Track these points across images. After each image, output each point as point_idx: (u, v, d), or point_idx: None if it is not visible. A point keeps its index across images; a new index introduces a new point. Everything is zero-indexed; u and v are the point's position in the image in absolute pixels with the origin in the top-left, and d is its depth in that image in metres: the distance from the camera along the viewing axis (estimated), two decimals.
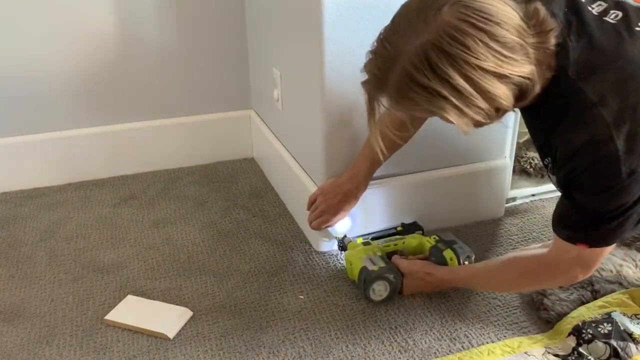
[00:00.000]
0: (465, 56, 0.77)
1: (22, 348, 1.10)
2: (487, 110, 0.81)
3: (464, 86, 0.78)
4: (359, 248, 1.26)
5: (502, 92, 0.80)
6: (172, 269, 1.32)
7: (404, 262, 1.21)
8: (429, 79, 0.78)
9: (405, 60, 0.79)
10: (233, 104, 1.81)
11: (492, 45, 0.77)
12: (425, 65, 0.78)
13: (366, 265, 1.19)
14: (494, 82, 0.79)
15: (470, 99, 0.79)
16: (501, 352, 1.07)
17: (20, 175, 1.67)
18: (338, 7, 1.17)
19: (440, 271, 1.19)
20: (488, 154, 1.45)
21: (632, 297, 1.15)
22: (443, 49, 0.77)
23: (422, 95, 0.80)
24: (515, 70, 0.79)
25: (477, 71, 0.77)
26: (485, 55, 0.77)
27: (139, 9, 1.61)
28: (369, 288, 1.18)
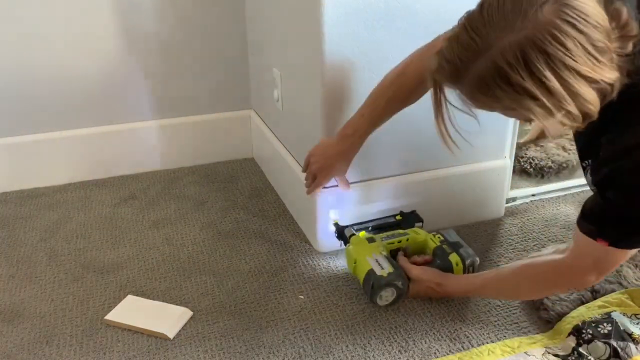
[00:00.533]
0: (565, 57, 0.73)
1: (22, 348, 1.10)
2: (574, 115, 0.78)
3: (558, 88, 0.75)
4: (363, 245, 1.23)
5: (592, 98, 0.77)
6: (172, 269, 1.32)
7: (414, 270, 1.19)
8: (523, 78, 0.75)
9: (496, 54, 0.76)
10: (233, 104, 1.81)
11: (588, 48, 0.74)
12: (520, 62, 0.74)
13: (374, 269, 1.17)
14: (586, 86, 0.76)
15: (561, 102, 0.76)
16: (501, 352, 1.07)
17: (20, 175, 1.67)
18: (338, 7, 1.17)
19: (451, 282, 1.17)
20: (488, 154, 1.45)
21: (632, 297, 1.15)
22: (543, 48, 0.73)
23: (509, 94, 0.77)
24: (605, 76, 0.76)
25: (573, 74, 0.74)
26: (583, 58, 0.74)
27: (139, 9, 1.60)
28: (376, 294, 1.16)
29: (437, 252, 1.24)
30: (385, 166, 1.36)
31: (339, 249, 1.37)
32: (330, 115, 1.27)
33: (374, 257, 1.20)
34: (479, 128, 1.35)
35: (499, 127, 1.43)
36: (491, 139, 1.43)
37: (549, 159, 1.69)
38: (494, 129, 1.42)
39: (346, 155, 1.23)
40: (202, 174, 1.77)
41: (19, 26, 1.53)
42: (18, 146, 1.65)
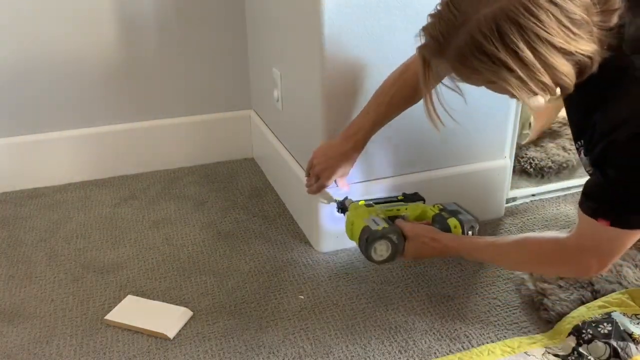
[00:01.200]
0: (537, 29, 0.75)
1: (22, 348, 1.10)
2: (549, 86, 0.80)
3: (531, 60, 0.77)
4: (361, 209, 1.23)
5: (566, 69, 0.79)
6: (172, 269, 1.32)
7: (408, 225, 1.18)
8: (497, 49, 0.77)
9: (473, 27, 0.78)
10: (233, 104, 1.81)
11: (563, 20, 0.76)
12: (494, 34, 0.77)
13: (369, 225, 1.16)
14: (560, 58, 0.78)
15: (535, 73, 0.78)
16: (501, 352, 1.07)
17: (20, 175, 1.67)
18: (338, 7, 1.17)
19: (447, 237, 1.15)
20: (488, 154, 1.45)
21: (632, 297, 1.15)
22: (516, 20, 0.75)
23: (486, 65, 0.79)
24: (580, 48, 0.78)
25: (546, 46, 0.76)
26: (556, 30, 0.76)
27: (139, 10, 1.61)
28: (370, 247, 1.14)
29: (435, 218, 1.22)
30: (384, 166, 1.36)
31: (339, 249, 1.37)
32: (330, 115, 1.27)
33: (370, 217, 1.18)
34: (476, 125, 1.35)
35: (499, 127, 1.43)
36: (491, 139, 1.43)
37: (549, 159, 1.69)
38: (494, 129, 1.42)
39: (350, 156, 1.24)
40: (202, 174, 1.77)
41: (19, 27, 1.53)
42: (18, 146, 1.65)
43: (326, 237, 1.36)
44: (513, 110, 1.43)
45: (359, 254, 1.35)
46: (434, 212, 1.24)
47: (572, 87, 0.82)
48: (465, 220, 1.20)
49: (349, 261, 1.33)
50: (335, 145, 1.24)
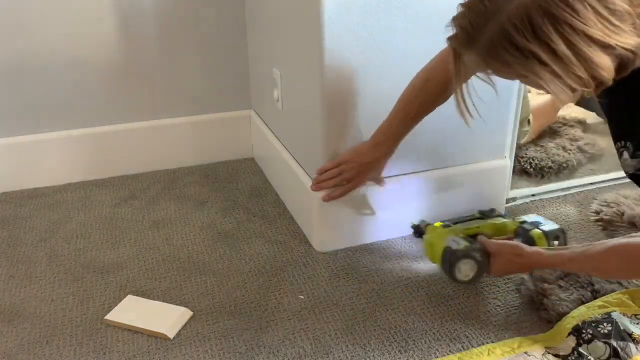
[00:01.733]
0: (572, 20, 0.71)
1: (22, 348, 1.10)
2: (585, 80, 0.75)
3: (565, 52, 0.73)
4: (439, 231, 1.22)
5: (604, 63, 0.74)
6: (172, 269, 1.32)
7: (491, 242, 1.16)
8: (529, 41, 0.73)
9: (504, 18, 0.74)
10: (233, 104, 1.81)
11: (601, 11, 0.71)
12: (526, 26, 0.73)
13: (450, 245, 1.15)
14: (597, 51, 0.73)
15: (570, 66, 0.74)
16: (501, 352, 1.07)
17: (20, 175, 1.67)
18: (338, 6, 1.17)
19: (531, 252, 1.12)
20: (488, 154, 1.45)
21: (632, 297, 1.14)
22: (549, 11, 0.71)
23: (518, 58, 0.75)
24: (621, 41, 0.73)
25: (582, 38, 0.72)
26: (594, 21, 0.71)
27: (139, 10, 1.61)
28: (454, 268, 1.14)
29: (518, 231, 1.21)
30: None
31: (339, 249, 1.37)
32: (330, 115, 1.27)
33: (449, 238, 1.18)
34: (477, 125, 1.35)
35: (499, 127, 1.43)
36: (491, 139, 1.43)
37: (549, 159, 1.69)
38: (494, 129, 1.42)
39: (380, 162, 1.27)
40: (202, 174, 1.77)
41: (19, 28, 1.53)
42: (18, 146, 1.65)
43: (326, 237, 1.36)
44: (513, 110, 1.43)
45: (359, 253, 1.35)
46: (515, 226, 1.23)
47: (610, 82, 0.77)
48: (549, 231, 1.19)
49: (349, 261, 1.33)
50: (366, 151, 1.26)
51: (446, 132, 1.37)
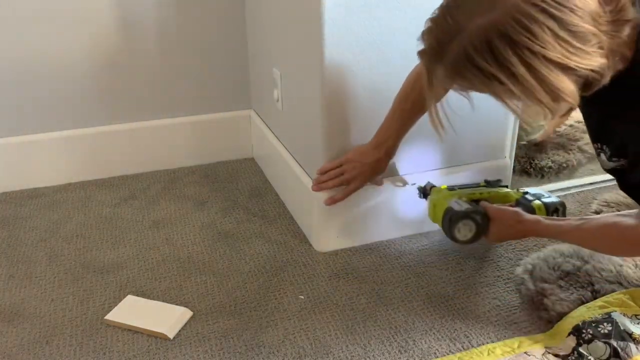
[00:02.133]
0: (530, 44, 0.71)
1: (22, 348, 1.10)
2: (547, 104, 0.76)
3: (524, 75, 0.73)
4: (443, 193, 1.25)
5: (565, 86, 0.74)
6: (172, 269, 1.32)
7: (493, 207, 1.19)
8: (489, 64, 0.74)
9: (465, 38, 0.75)
10: (233, 104, 1.81)
11: (561, 34, 0.71)
12: (485, 47, 0.73)
13: (452, 206, 1.18)
14: (557, 73, 0.73)
15: (530, 89, 0.74)
16: (501, 352, 1.07)
17: (20, 175, 1.67)
18: (338, 6, 1.17)
19: (531, 220, 1.14)
20: (488, 154, 1.45)
21: (633, 297, 1.14)
22: (507, 34, 0.72)
23: (479, 77, 0.76)
24: (583, 63, 0.73)
25: (541, 61, 0.72)
26: (553, 45, 0.71)
27: (139, 8, 1.61)
28: (454, 227, 1.17)
29: (520, 201, 1.24)
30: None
31: (338, 249, 1.37)
32: (330, 115, 1.27)
33: (453, 200, 1.21)
34: (477, 125, 1.35)
35: (499, 127, 1.43)
36: (491, 139, 1.43)
37: (549, 159, 1.69)
38: (494, 129, 1.42)
39: (382, 163, 1.28)
40: (202, 174, 1.77)
41: (18, 27, 1.53)
42: (18, 146, 1.65)
43: (326, 237, 1.36)
44: None
45: (359, 253, 1.35)
46: (518, 196, 1.26)
47: (575, 105, 0.77)
48: (549, 203, 1.22)
49: (349, 261, 1.33)
50: (368, 152, 1.27)
51: (446, 133, 1.37)
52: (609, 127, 0.89)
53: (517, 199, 1.27)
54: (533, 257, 1.28)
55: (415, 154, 1.37)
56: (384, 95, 1.24)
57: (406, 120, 1.24)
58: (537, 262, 1.25)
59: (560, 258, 1.24)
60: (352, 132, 1.30)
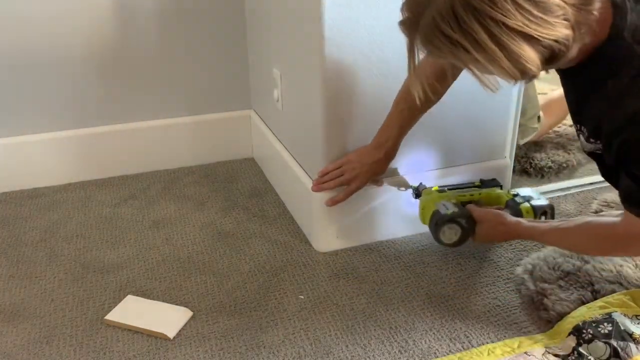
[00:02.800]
0: (491, 11, 0.73)
1: (22, 348, 1.10)
2: (509, 70, 0.78)
3: (487, 43, 0.75)
4: (433, 195, 1.27)
5: (526, 54, 0.76)
6: (172, 269, 1.32)
7: (478, 210, 1.22)
8: (454, 31, 0.76)
9: (434, 8, 0.77)
10: (233, 104, 1.81)
11: (521, 3, 0.73)
12: (451, 16, 0.76)
13: (439, 209, 1.20)
14: (519, 42, 0.75)
15: (492, 56, 0.76)
16: (501, 352, 1.07)
17: (20, 175, 1.67)
18: (338, 6, 1.17)
19: (513, 222, 1.17)
20: (488, 154, 1.45)
21: (633, 298, 1.14)
22: (470, 3, 0.74)
23: (447, 45, 0.78)
24: (544, 33, 0.75)
25: (501, 28, 0.74)
26: (512, 13, 0.73)
27: (139, 9, 1.61)
28: (439, 230, 1.20)
29: (508, 203, 1.27)
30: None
31: (339, 249, 1.37)
32: (330, 115, 1.27)
33: (441, 202, 1.23)
34: (477, 125, 1.35)
35: (499, 127, 1.43)
36: (491, 139, 1.43)
37: (549, 159, 1.69)
38: (494, 129, 1.42)
39: (382, 163, 1.28)
40: (202, 174, 1.77)
41: (18, 27, 1.53)
42: (18, 146, 1.65)
43: (326, 237, 1.36)
44: (513, 111, 1.43)
45: (359, 253, 1.35)
46: (508, 198, 1.28)
47: (537, 73, 0.79)
48: (537, 206, 1.24)
49: (349, 261, 1.33)
50: (368, 153, 1.27)
51: (446, 133, 1.38)
52: (585, 105, 0.90)
53: (507, 201, 1.28)
54: (533, 257, 1.29)
55: (415, 154, 1.37)
56: (384, 96, 1.25)
57: (406, 121, 1.24)
58: (537, 262, 1.25)
59: (560, 258, 1.24)
60: (352, 132, 1.30)
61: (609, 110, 0.86)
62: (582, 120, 0.94)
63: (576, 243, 1.12)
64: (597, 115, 0.88)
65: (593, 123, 0.90)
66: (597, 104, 0.88)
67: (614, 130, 0.86)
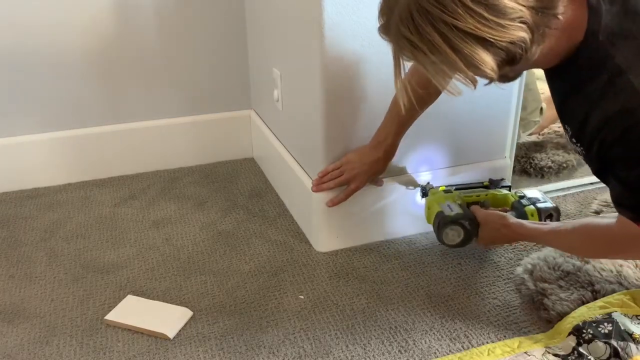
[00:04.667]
0: (442, 15, 0.75)
1: (22, 348, 1.10)
2: (466, 73, 0.78)
3: (440, 45, 0.76)
4: (439, 195, 1.27)
5: (480, 57, 0.76)
6: (172, 269, 1.32)
7: (482, 212, 1.22)
8: (412, 34, 0.78)
9: (397, 12, 0.79)
10: (233, 104, 1.81)
11: (471, 6, 0.74)
12: (409, 20, 0.78)
13: (443, 210, 1.20)
14: (472, 44, 0.76)
15: (447, 58, 0.77)
16: (501, 352, 1.07)
17: (20, 175, 1.67)
18: (338, 7, 1.17)
19: (516, 224, 1.18)
20: (488, 154, 1.45)
21: (633, 298, 1.14)
22: (423, 7, 0.76)
23: (409, 49, 0.80)
24: (497, 36, 0.75)
25: (453, 31, 0.75)
26: (463, 16, 0.74)
27: (139, 9, 1.61)
28: (442, 232, 1.20)
29: (514, 204, 1.27)
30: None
31: (339, 249, 1.37)
32: (330, 115, 1.27)
33: (446, 203, 1.23)
34: (476, 125, 1.35)
35: (499, 127, 1.43)
36: (491, 139, 1.43)
37: (549, 159, 1.69)
38: (494, 129, 1.42)
39: (381, 162, 1.28)
40: (202, 174, 1.77)
41: (17, 26, 1.53)
42: (18, 146, 1.65)
43: (326, 237, 1.36)
44: (513, 111, 1.43)
45: (359, 253, 1.35)
46: (514, 199, 1.28)
47: (495, 77, 0.80)
48: (542, 209, 1.24)
49: (349, 261, 1.33)
50: (367, 152, 1.28)
51: (446, 133, 1.38)
52: (567, 106, 0.92)
53: (513, 202, 1.28)
54: (533, 257, 1.29)
55: (415, 154, 1.37)
56: (384, 96, 1.24)
57: (404, 119, 1.24)
58: (537, 262, 1.25)
59: (560, 258, 1.24)
60: (352, 132, 1.30)
61: (587, 112, 0.87)
62: (566, 120, 0.95)
63: (574, 246, 1.13)
64: (578, 117, 0.89)
65: (575, 124, 0.91)
66: (577, 106, 0.89)
67: (593, 132, 0.87)
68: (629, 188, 0.89)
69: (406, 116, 1.24)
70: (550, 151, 1.73)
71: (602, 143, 0.86)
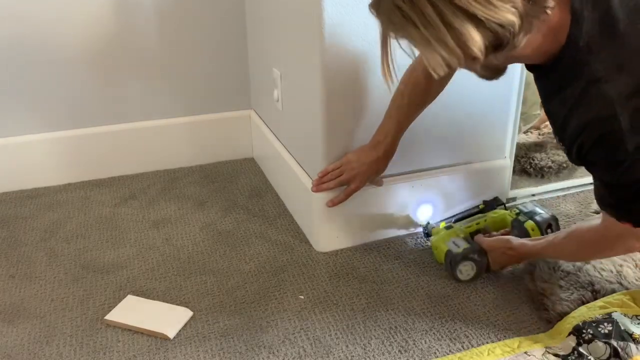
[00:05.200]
0: None
1: (22, 348, 1.10)
2: (454, 50, 0.78)
3: (433, 18, 0.76)
4: (442, 233, 1.30)
5: (469, 34, 0.77)
6: (172, 269, 1.32)
7: (485, 241, 1.25)
8: (405, 4, 0.78)
9: None
10: (233, 104, 1.81)
11: None
12: None
13: (450, 249, 1.23)
14: (463, 20, 0.76)
15: (438, 33, 0.77)
16: (501, 352, 1.07)
17: (20, 175, 1.67)
18: (338, 7, 1.17)
19: (519, 245, 1.22)
20: (488, 154, 1.45)
21: (634, 298, 1.14)
22: None
23: (400, 20, 0.80)
24: (488, 14, 0.76)
25: (447, 5, 0.76)
26: None
27: (139, 9, 1.61)
28: (455, 270, 1.22)
29: (513, 223, 1.30)
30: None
31: (338, 249, 1.37)
32: (330, 115, 1.27)
33: (451, 240, 1.26)
34: (476, 125, 1.35)
35: (499, 127, 1.43)
36: (491, 139, 1.43)
37: (549, 159, 1.69)
38: (494, 129, 1.42)
39: (381, 161, 1.29)
40: (202, 174, 1.77)
41: (18, 26, 1.53)
42: (18, 146, 1.65)
43: (326, 237, 1.36)
44: (513, 110, 1.43)
45: (359, 253, 1.35)
46: (512, 217, 1.32)
47: (480, 57, 0.80)
48: (541, 222, 1.28)
49: (349, 261, 1.33)
50: (366, 152, 1.28)
51: (446, 133, 1.38)
52: (550, 107, 0.94)
53: (511, 221, 1.31)
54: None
55: (415, 155, 1.37)
56: (384, 95, 1.24)
57: (403, 118, 1.25)
58: (537, 262, 1.25)
59: None
60: (352, 132, 1.30)
61: (566, 116, 0.89)
62: (550, 120, 0.97)
63: (570, 252, 1.16)
64: (559, 119, 0.92)
65: (557, 125, 0.93)
66: (558, 108, 0.91)
67: (572, 136, 0.89)
68: (609, 189, 0.93)
69: (405, 114, 1.24)
70: (550, 151, 1.73)
71: (581, 147, 0.89)
